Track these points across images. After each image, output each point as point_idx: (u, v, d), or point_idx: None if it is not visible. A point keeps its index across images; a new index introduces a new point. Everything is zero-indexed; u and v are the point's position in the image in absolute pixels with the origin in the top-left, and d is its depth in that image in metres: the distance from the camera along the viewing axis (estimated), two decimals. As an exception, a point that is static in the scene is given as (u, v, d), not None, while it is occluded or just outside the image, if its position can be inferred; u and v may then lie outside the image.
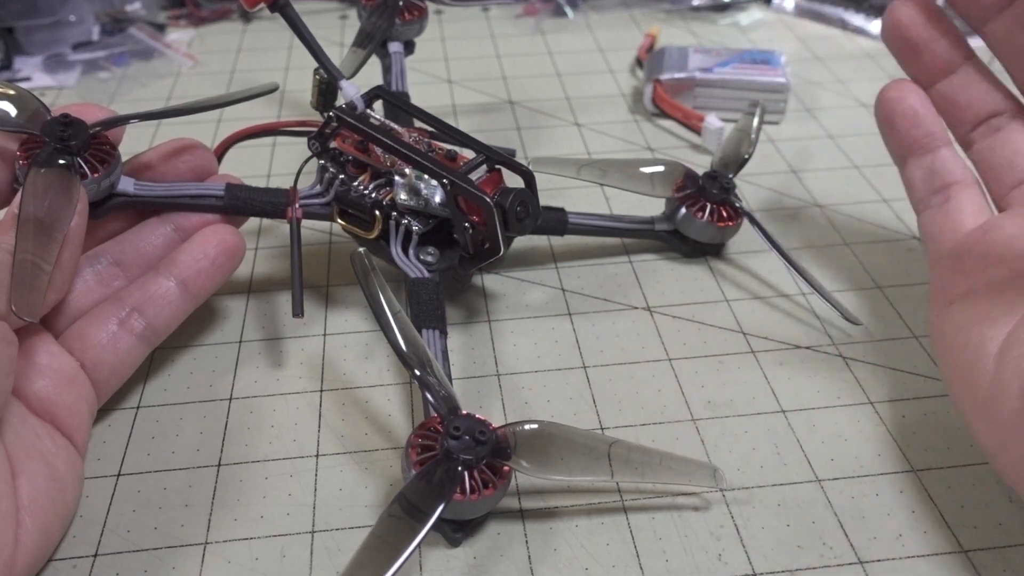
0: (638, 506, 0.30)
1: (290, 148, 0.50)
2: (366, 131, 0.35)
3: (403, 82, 0.45)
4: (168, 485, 0.31)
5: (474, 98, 0.56)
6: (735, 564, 0.28)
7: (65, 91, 0.57)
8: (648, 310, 0.39)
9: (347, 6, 0.68)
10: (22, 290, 0.27)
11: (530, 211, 0.34)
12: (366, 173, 0.36)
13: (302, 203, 0.37)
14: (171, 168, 0.36)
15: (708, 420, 0.34)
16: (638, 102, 0.55)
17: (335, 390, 0.35)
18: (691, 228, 0.41)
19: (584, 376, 0.36)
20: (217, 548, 0.29)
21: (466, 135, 0.35)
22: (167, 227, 0.35)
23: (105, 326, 0.32)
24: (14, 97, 0.32)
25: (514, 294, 0.40)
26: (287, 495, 0.31)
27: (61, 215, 0.29)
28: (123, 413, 0.34)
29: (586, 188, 0.46)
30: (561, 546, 0.29)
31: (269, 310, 0.39)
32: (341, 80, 0.37)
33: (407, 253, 0.36)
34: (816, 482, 0.31)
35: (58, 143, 0.31)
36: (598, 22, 0.66)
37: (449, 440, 0.28)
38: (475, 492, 0.27)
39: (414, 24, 0.46)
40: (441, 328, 0.34)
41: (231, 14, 0.67)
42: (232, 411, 0.34)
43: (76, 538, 0.29)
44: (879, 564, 0.28)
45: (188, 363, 0.36)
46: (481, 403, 0.34)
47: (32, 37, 0.60)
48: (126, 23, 0.63)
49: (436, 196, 0.35)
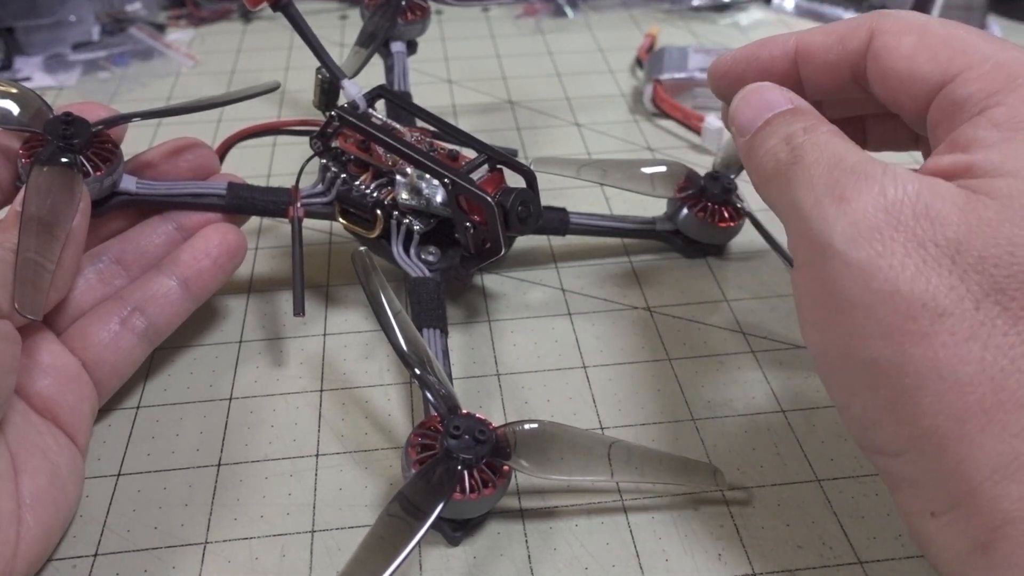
0: (638, 506, 0.30)
1: (290, 148, 0.50)
2: (368, 131, 0.35)
3: (405, 82, 0.45)
4: (168, 485, 0.31)
5: (474, 98, 0.56)
6: (735, 564, 0.28)
7: (65, 91, 0.57)
8: (648, 310, 0.39)
9: (347, 6, 0.68)
10: (25, 288, 0.27)
11: (531, 211, 0.34)
12: (368, 172, 0.36)
13: (304, 202, 0.37)
14: (173, 167, 0.36)
15: (708, 420, 0.34)
16: (638, 102, 0.55)
17: (335, 390, 0.35)
18: (693, 228, 0.41)
19: (584, 376, 0.36)
20: (217, 548, 0.29)
21: (468, 135, 0.35)
22: (169, 226, 0.35)
23: (107, 325, 0.32)
24: (16, 96, 0.32)
25: (514, 294, 0.40)
26: (287, 495, 0.31)
27: (63, 213, 0.29)
28: (123, 413, 0.34)
29: (586, 188, 0.46)
30: (561, 546, 0.29)
31: (269, 310, 0.39)
32: (343, 79, 0.37)
33: (408, 252, 0.36)
34: (816, 482, 0.31)
35: (61, 141, 0.31)
36: (598, 22, 0.66)
37: (449, 439, 0.28)
38: (475, 491, 0.27)
39: (416, 24, 0.46)
40: (442, 327, 0.34)
41: (231, 14, 0.67)
42: (232, 411, 0.34)
43: (76, 538, 0.29)
44: (879, 564, 0.28)
45: (188, 363, 0.36)
46: (481, 403, 0.35)
47: (32, 37, 0.60)
48: (126, 23, 0.63)
49: (437, 196, 0.35)
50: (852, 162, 0.23)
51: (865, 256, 0.21)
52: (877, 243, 0.21)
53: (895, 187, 0.22)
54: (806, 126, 0.25)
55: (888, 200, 0.22)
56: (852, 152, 0.23)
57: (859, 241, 0.21)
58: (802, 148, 0.24)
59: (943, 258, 0.21)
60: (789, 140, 0.25)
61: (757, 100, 0.26)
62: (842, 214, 0.22)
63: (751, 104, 0.27)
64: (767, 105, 0.26)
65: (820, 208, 0.22)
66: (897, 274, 0.21)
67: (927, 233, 0.21)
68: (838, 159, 0.23)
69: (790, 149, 0.25)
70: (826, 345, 0.23)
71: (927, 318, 0.21)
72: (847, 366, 0.23)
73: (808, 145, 0.24)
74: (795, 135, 0.25)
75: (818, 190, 0.23)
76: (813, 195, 0.23)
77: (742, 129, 0.27)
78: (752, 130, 0.26)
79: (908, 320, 0.21)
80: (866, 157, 0.23)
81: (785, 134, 0.25)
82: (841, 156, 0.23)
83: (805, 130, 0.25)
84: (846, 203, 0.22)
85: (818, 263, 0.23)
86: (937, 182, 0.22)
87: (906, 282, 0.21)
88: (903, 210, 0.21)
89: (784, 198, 0.24)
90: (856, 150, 0.23)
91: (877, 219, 0.21)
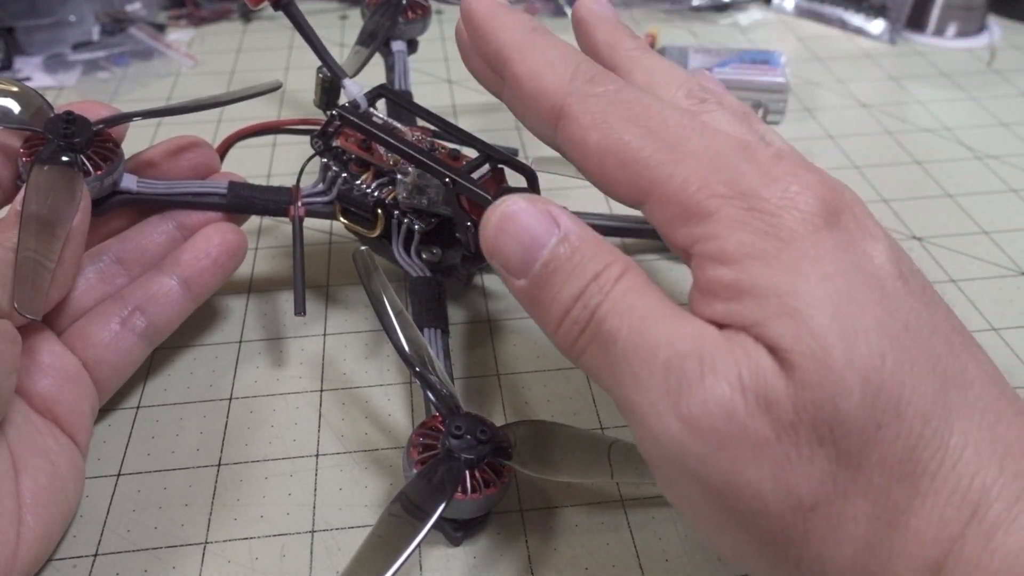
0: (638, 506, 0.30)
1: (290, 148, 0.50)
2: (369, 130, 0.35)
3: (406, 81, 0.45)
4: (168, 485, 0.31)
5: (474, 98, 0.56)
6: (735, 564, 0.28)
7: (65, 91, 0.57)
8: (649, 310, 0.39)
9: (347, 6, 0.68)
10: (25, 288, 0.27)
11: (532, 211, 0.34)
12: (369, 172, 0.36)
13: (304, 201, 0.37)
14: (174, 166, 0.36)
15: (709, 420, 0.34)
16: (638, 103, 0.55)
17: (335, 390, 0.35)
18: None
19: (584, 376, 0.36)
20: (217, 548, 0.29)
21: (469, 134, 0.35)
22: (169, 225, 0.35)
23: (107, 325, 0.32)
24: (17, 94, 0.32)
25: (515, 294, 0.40)
26: (287, 495, 0.31)
27: (64, 213, 0.29)
28: (123, 413, 0.34)
29: (586, 188, 0.46)
30: (561, 546, 0.29)
31: (269, 310, 0.39)
32: (344, 79, 0.37)
33: (409, 252, 0.36)
34: (817, 482, 0.31)
35: (61, 140, 0.31)
36: (598, 23, 0.66)
37: (450, 439, 0.28)
38: (476, 491, 0.27)
39: (417, 23, 0.46)
40: (443, 327, 0.34)
41: (231, 14, 0.67)
42: (232, 411, 0.34)
43: (76, 538, 0.29)
44: (880, 564, 0.28)
45: (188, 363, 0.36)
46: (481, 403, 0.35)
47: (32, 37, 0.60)
48: (126, 23, 0.63)
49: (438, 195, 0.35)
50: (668, 349, 0.20)
51: (720, 478, 0.19)
52: (725, 458, 0.19)
53: (718, 384, 0.19)
54: (597, 277, 0.21)
55: (719, 404, 0.19)
56: (662, 325, 0.20)
57: (709, 461, 0.19)
58: (606, 321, 0.21)
59: (790, 451, 0.19)
60: (585, 303, 0.21)
61: (520, 231, 0.22)
62: (684, 429, 0.19)
63: (515, 238, 0.22)
64: (535, 241, 0.22)
65: (661, 421, 0.20)
66: (756, 488, 0.19)
67: (767, 428, 0.19)
68: (654, 343, 0.20)
69: (590, 318, 0.21)
70: (723, 553, 0.22)
71: (801, 519, 0.19)
72: (751, 565, 0.21)
73: (612, 316, 0.21)
74: (589, 297, 0.21)
75: (651, 394, 0.20)
76: (648, 400, 0.20)
77: (514, 273, 0.23)
78: (529, 278, 0.22)
79: (787, 529, 0.19)
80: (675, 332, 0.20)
81: (575, 293, 0.21)
82: (655, 338, 0.20)
83: (599, 287, 0.21)
84: (683, 416, 0.19)
85: (677, 485, 0.21)
86: (748, 354, 0.19)
87: (769, 492, 0.19)
88: (737, 410, 0.19)
89: (613, 391, 0.21)
90: (662, 318, 0.21)
91: (718, 429, 0.19)
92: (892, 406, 0.19)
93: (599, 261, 0.22)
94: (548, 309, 0.22)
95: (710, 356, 0.20)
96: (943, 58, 0.61)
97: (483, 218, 0.23)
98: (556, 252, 0.22)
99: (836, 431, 0.19)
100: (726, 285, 0.20)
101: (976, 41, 0.64)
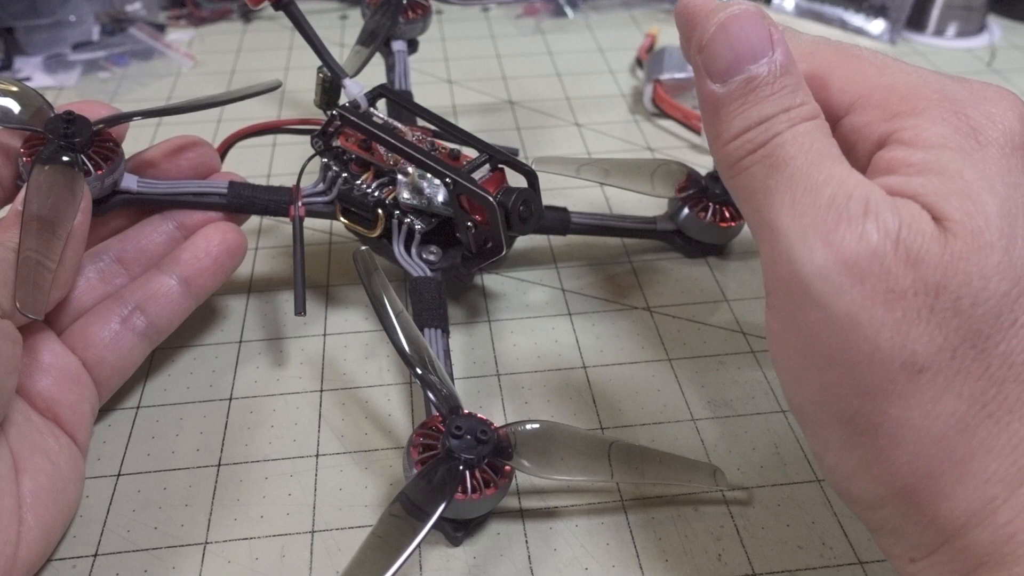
0: (638, 506, 0.30)
1: (290, 148, 0.50)
2: (369, 130, 0.35)
3: (406, 81, 0.45)
4: (168, 485, 0.31)
5: (474, 98, 0.56)
6: (735, 564, 0.28)
7: (65, 91, 0.57)
8: (648, 310, 0.39)
9: (347, 6, 0.68)
10: (26, 287, 0.27)
11: (533, 211, 0.34)
12: (369, 172, 0.36)
13: (305, 201, 0.37)
14: (174, 165, 0.36)
15: (708, 420, 0.34)
16: (638, 102, 0.55)
17: (335, 390, 0.35)
18: (694, 228, 0.41)
19: (584, 376, 0.36)
20: (217, 548, 0.29)
21: (469, 134, 0.35)
22: (169, 224, 0.35)
23: (107, 325, 0.32)
24: (17, 94, 0.32)
25: (514, 294, 0.40)
26: (287, 495, 0.31)
27: (65, 212, 0.29)
28: (123, 413, 0.34)
29: (586, 188, 0.46)
30: (561, 546, 0.29)
31: (269, 310, 0.39)
32: (345, 78, 0.37)
33: (409, 252, 0.36)
34: (816, 482, 0.31)
35: (62, 140, 0.31)
36: (598, 22, 0.66)
37: (451, 439, 0.28)
38: (476, 491, 0.27)
39: (417, 23, 0.46)
40: (443, 327, 0.34)
41: (231, 14, 0.67)
42: (232, 411, 0.34)
43: (76, 538, 0.29)
44: (879, 564, 0.28)
45: (188, 363, 0.36)
46: (481, 403, 0.35)
47: (32, 37, 0.60)
48: (126, 23, 0.63)
49: (439, 195, 0.35)
50: (837, 186, 0.21)
51: (846, 310, 0.20)
52: (859, 294, 0.20)
53: (878, 228, 0.20)
54: (789, 110, 0.22)
55: (873, 245, 0.20)
56: (836, 167, 0.21)
57: (843, 292, 0.20)
58: (783, 148, 0.21)
59: (923, 308, 0.20)
60: (768, 128, 0.22)
61: (740, 37, 0.22)
62: (830, 258, 0.20)
63: (733, 42, 0.22)
64: (750, 52, 0.22)
65: (806, 245, 0.20)
66: (877, 330, 0.20)
67: (909, 280, 0.20)
68: (825, 178, 0.21)
69: (768, 140, 0.22)
70: (800, 395, 0.22)
71: (905, 377, 0.20)
72: (822, 418, 0.22)
73: (791, 144, 0.21)
74: (775, 123, 0.22)
75: (805, 219, 0.20)
76: (799, 225, 0.21)
77: (714, 75, 0.23)
78: (727, 86, 0.22)
79: (887, 381, 0.20)
80: (847, 176, 0.21)
81: (763, 116, 0.22)
82: (828, 174, 0.21)
83: (788, 118, 0.22)
84: (833, 245, 0.20)
85: (795, 310, 0.21)
86: (912, 215, 0.20)
87: (886, 339, 0.20)
88: (887, 255, 0.20)
89: (760, 212, 0.22)
90: (838, 162, 0.21)
91: (862, 267, 0.20)
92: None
93: (796, 97, 0.22)
94: (730, 121, 0.23)
95: (875, 204, 0.20)
96: (943, 58, 0.61)
97: (705, 11, 0.23)
98: (763, 72, 0.22)
99: (974, 308, 0.20)
100: (912, 163, 0.21)
101: (976, 41, 0.64)
